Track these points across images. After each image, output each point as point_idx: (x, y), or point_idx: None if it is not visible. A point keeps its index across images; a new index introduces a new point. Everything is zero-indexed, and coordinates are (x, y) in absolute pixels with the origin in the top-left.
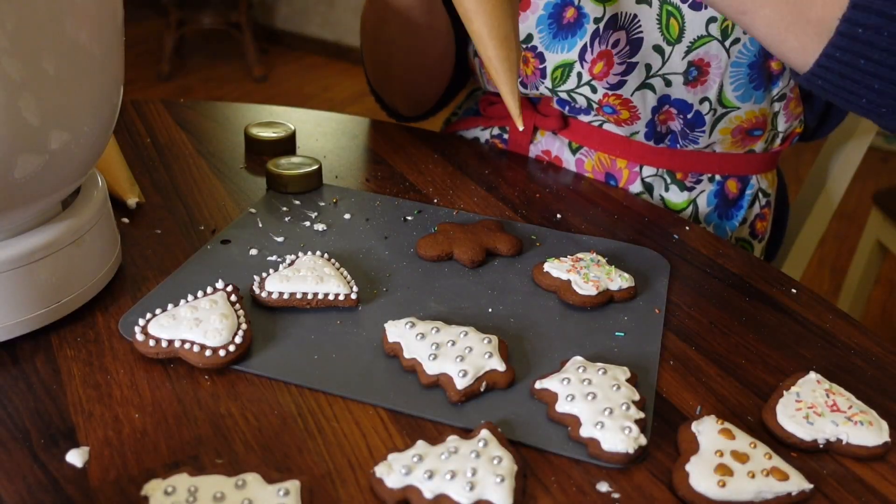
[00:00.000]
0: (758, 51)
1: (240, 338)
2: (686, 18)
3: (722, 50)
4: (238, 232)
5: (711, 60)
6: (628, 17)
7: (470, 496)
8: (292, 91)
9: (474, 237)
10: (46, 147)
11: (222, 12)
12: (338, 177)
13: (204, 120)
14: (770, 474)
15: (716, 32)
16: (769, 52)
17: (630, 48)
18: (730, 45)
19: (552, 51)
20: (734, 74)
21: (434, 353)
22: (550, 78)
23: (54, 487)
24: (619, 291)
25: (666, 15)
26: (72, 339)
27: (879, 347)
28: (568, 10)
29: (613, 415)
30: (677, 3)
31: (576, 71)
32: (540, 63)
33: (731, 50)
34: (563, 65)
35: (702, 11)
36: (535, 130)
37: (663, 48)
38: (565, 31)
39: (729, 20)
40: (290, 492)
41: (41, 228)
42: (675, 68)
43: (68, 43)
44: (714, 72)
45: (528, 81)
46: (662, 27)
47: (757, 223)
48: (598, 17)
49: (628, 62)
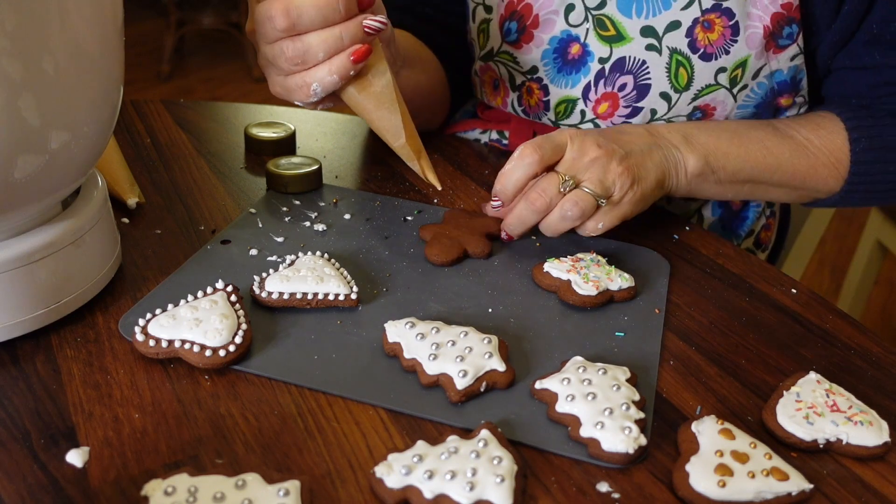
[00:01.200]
0: (765, 93)
1: (240, 338)
2: (696, 69)
3: (729, 96)
4: (238, 232)
5: (718, 105)
6: (637, 63)
7: (470, 496)
8: None
9: (473, 229)
10: (46, 147)
11: (222, 12)
12: (338, 177)
13: (204, 120)
14: (770, 474)
15: (724, 82)
16: (779, 93)
17: (637, 93)
18: (737, 92)
19: (557, 84)
20: (739, 115)
21: (434, 354)
22: (554, 111)
23: (54, 487)
24: (619, 291)
25: (675, 64)
26: (72, 339)
27: (879, 347)
28: (573, 45)
29: (613, 415)
30: (687, 53)
31: (579, 108)
32: (544, 95)
33: (738, 95)
34: (566, 100)
35: (712, 62)
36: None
37: (671, 95)
38: (570, 67)
39: (738, 73)
40: (290, 492)
41: (41, 228)
42: (681, 112)
43: (68, 43)
44: (719, 114)
45: (531, 112)
46: (671, 76)
47: (762, 234)
48: (604, 58)
49: (634, 106)
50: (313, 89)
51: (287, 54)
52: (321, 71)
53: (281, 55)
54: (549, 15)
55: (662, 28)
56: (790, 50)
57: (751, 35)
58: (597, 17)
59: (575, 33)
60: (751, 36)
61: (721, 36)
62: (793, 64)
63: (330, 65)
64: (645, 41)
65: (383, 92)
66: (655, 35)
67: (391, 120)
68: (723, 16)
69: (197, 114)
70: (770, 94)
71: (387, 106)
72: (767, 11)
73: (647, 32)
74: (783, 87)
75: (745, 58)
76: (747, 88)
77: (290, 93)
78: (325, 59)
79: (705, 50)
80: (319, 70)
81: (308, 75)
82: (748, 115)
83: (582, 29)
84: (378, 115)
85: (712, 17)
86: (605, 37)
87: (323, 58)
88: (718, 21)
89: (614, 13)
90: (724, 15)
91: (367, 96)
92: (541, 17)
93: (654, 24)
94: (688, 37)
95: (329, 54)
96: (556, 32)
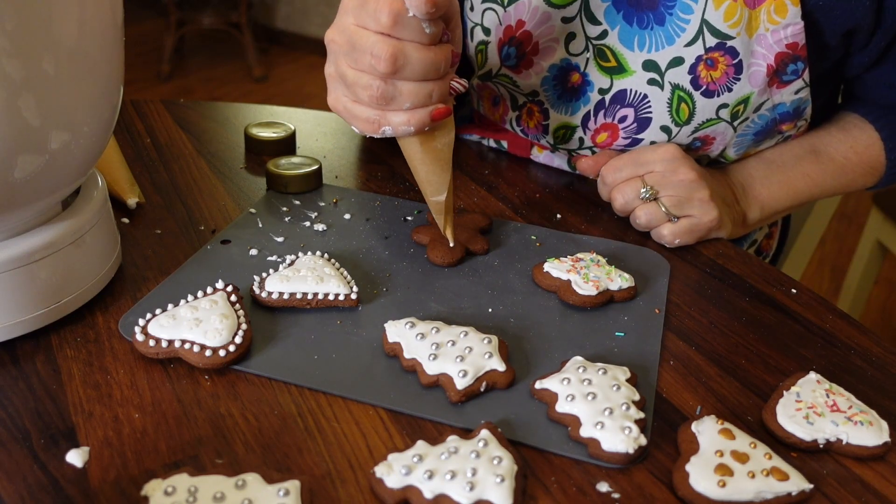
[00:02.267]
0: (766, 123)
1: (240, 338)
2: (697, 105)
3: (729, 128)
4: (238, 232)
5: (717, 136)
6: (638, 96)
7: (470, 496)
8: (292, 91)
9: (465, 226)
10: (46, 147)
11: (222, 12)
12: (338, 177)
13: (204, 120)
14: (770, 474)
15: (726, 116)
16: (780, 121)
17: (637, 126)
18: (738, 124)
19: (557, 110)
20: (738, 143)
21: (434, 354)
22: (553, 136)
23: (54, 487)
24: (619, 291)
25: (677, 100)
26: (72, 339)
27: (879, 347)
28: (573, 74)
29: (613, 415)
30: (689, 89)
31: (578, 135)
32: (544, 119)
33: (738, 127)
34: (565, 126)
35: (713, 99)
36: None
37: (671, 129)
38: (570, 94)
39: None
40: (290, 492)
41: (41, 228)
42: (680, 142)
43: (68, 43)
44: (718, 143)
45: (530, 132)
46: (672, 111)
47: (763, 242)
48: (604, 89)
49: (634, 138)
50: (383, 130)
51: (373, 92)
52: (400, 118)
53: (367, 89)
54: (549, 43)
55: (665, 63)
56: (795, 84)
57: (754, 73)
58: (597, 48)
59: (575, 62)
60: (754, 74)
61: (724, 74)
62: (797, 97)
63: (411, 116)
64: (647, 75)
65: (442, 150)
66: (658, 70)
67: (440, 176)
68: (726, 54)
69: (197, 114)
70: (771, 123)
71: (441, 164)
72: (772, 51)
73: (650, 67)
74: (785, 117)
75: (747, 95)
76: (748, 120)
77: (353, 119)
78: (409, 109)
79: (707, 87)
80: (398, 116)
81: (384, 118)
82: (748, 142)
83: (582, 58)
84: (429, 168)
85: (716, 56)
86: (605, 67)
87: (408, 108)
88: (722, 59)
89: (615, 44)
90: (728, 54)
91: (427, 150)
92: (541, 45)
93: (657, 59)
94: (690, 73)
95: (414, 107)
96: (555, 60)
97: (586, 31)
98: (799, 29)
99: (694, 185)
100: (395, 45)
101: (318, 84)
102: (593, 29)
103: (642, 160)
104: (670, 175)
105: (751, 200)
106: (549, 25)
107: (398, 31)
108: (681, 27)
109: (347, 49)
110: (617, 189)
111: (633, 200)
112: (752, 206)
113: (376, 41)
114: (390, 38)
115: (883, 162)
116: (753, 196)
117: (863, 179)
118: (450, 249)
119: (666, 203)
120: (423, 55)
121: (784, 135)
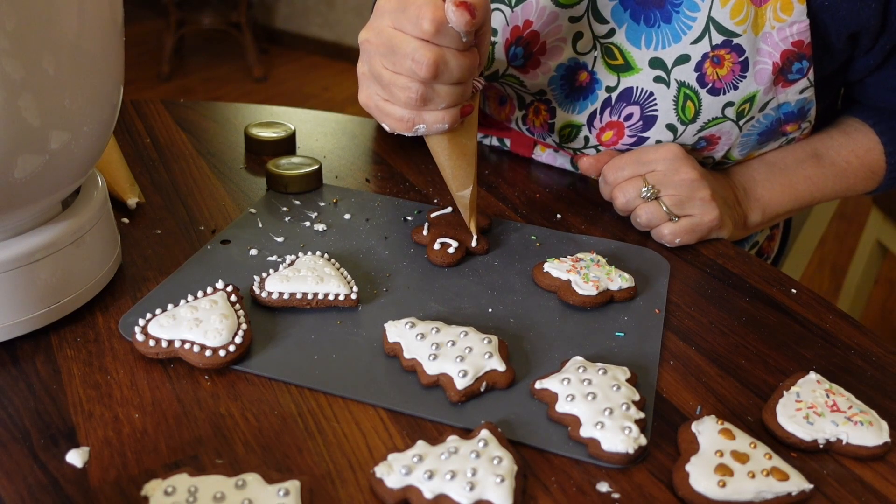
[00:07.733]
0: (771, 122)
1: (240, 338)
2: (703, 103)
3: (735, 127)
4: (238, 232)
5: (723, 136)
6: (644, 94)
7: (470, 496)
8: (292, 91)
9: (463, 225)
10: (46, 147)
11: (222, 12)
12: (338, 177)
13: (204, 120)
14: (770, 474)
15: (731, 115)
16: (785, 122)
17: (643, 124)
18: (743, 124)
19: (564, 109)
20: (743, 143)
21: (434, 354)
22: (558, 134)
23: (54, 487)
24: (619, 291)
25: (683, 98)
26: (72, 339)
27: (879, 347)
28: (581, 73)
29: (613, 415)
30: (696, 87)
31: (583, 134)
32: (550, 118)
33: (743, 126)
34: (571, 125)
35: (719, 97)
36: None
37: (676, 127)
38: (577, 93)
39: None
40: (290, 492)
41: (41, 228)
42: (685, 142)
43: (68, 43)
44: (723, 143)
45: (536, 132)
46: (678, 109)
47: (765, 244)
48: (611, 87)
49: (639, 136)
50: (417, 128)
51: (412, 94)
52: (435, 116)
53: (405, 90)
54: (556, 42)
55: (671, 61)
56: (799, 84)
57: (760, 71)
58: (605, 46)
59: (583, 61)
60: (760, 72)
61: (730, 71)
62: (801, 96)
63: (445, 114)
64: (653, 73)
65: (468, 145)
66: (664, 67)
67: (466, 171)
68: (732, 52)
69: (197, 114)
70: (776, 124)
71: (467, 159)
72: (778, 48)
73: (656, 64)
74: (789, 118)
75: (753, 93)
76: (753, 120)
77: (385, 117)
78: (444, 108)
79: (713, 85)
80: (433, 115)
81: (419, 116)
82: (752, 143)
83: (590, 57)
84: (456, 163)
85: (722, 53)
86: (612, 65)
87: (443, 107)
88: (728, 57)
89: (623, 42)
90: (734, 51)
91: (454, 146)
92: (548, 45)
93: (663, 57)
94: (696, 71)
95: (449, 106)
96: (563, 60)
97: (594, 29)
98: (804, 27)
99: (695, 185)
100: (436, 52)
101: (317, 84)
102: (601, 28)
103: (644, 159)
104: (672, 174)
105: (752, 202)
106: (556, 25)
107: (438, 39)
108: (687, 24)
109: (385, 51)
110: (618, 188)
111: (634, 199)
112: (754, 207)
113: (417, 46)
114: (430, 44)
115: (883, 166)
116: (755, 198)
117: (863, 184)
118: (450, 252)
119: (667, 202)
120: (461, 61)
121: (788, 137)
